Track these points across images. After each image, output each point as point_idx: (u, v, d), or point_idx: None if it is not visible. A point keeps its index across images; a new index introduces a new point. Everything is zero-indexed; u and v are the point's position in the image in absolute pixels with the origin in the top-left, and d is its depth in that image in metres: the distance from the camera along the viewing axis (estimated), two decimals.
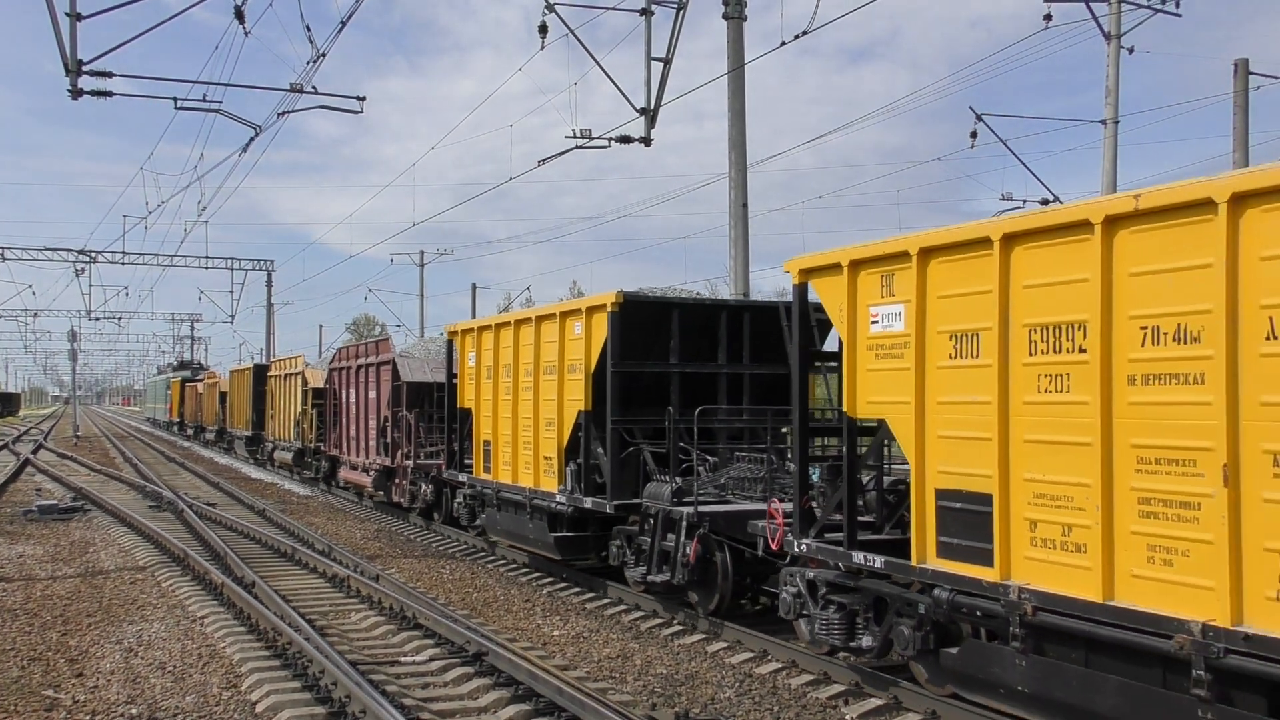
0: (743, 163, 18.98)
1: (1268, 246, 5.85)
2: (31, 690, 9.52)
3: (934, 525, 7.86)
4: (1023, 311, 7.26)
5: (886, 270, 8.48)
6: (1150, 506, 6.35)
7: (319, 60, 18.48)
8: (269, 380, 34.43)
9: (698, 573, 11.23)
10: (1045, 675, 6.97)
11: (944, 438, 7.85)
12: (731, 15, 18.86)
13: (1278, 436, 5.73)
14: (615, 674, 9.91)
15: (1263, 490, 5.78)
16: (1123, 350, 6.58)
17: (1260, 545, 5.77)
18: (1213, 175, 6.21)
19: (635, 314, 12.76)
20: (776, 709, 8.77)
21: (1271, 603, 5.69)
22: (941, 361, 7.90)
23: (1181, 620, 6.05)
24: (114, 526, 20.38)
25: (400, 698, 8.72)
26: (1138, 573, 6.40)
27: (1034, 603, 6.95)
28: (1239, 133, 22.29)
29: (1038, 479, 7.07)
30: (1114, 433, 6.59)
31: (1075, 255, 6.89)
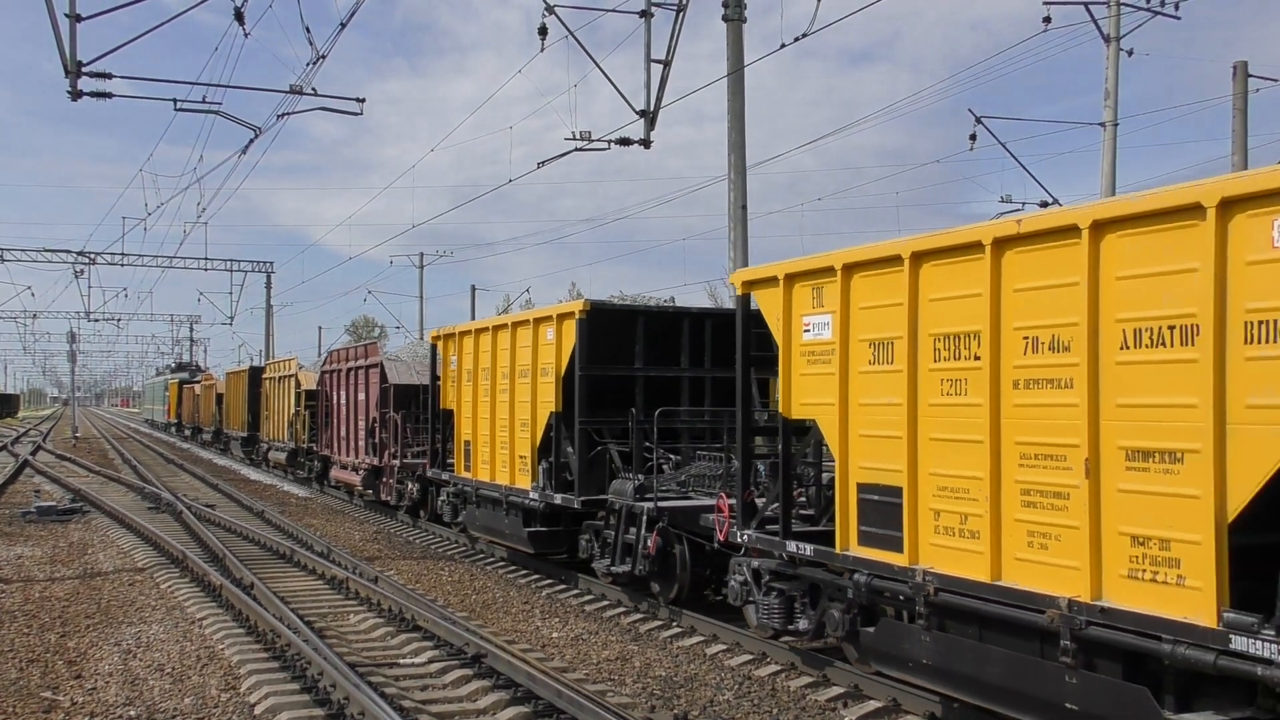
0: (742, 165, 19.14)
1: (1123, 268, 6.64)
2: (30, 692, 9.62)
3: (855, 516, 8.69)
4: (929, 322, 8.07)
5: (817, 283, 9.28)
6: (1030, 497, 7.16)
7: (319, 62, 18.66)
8: (264, 382, 35.37)
9: (658, 564, 12.08)
10: (946, 649, 7.80)
11: (864, 436, 8.67)
12: (731, 17, 19.00)
13: (1130, 434, 6.53)
14: (614, 676, 10.06)
15: (1118, 481, 6.58)
16: (1009, 358, 7.38)
17: (1116, 530, 6.57)
18: (1079, 204, 7.01)
19: (602, 321, 13.64)
20: (775, 711, 8.96)
21: (1124, 580, 6.50)
22: (862, 367, 8.71)
23: (1053, 597, 6.87)
24: (113, 528, 20.64)
25: (399, 700, 8.83)
26: (1020, 556, 7.21)
27: (936, 584, 7.78)
28: (1238, 135, 22.69)
29: (940, 473, 7.88)
30: (1001, 431, 7.40)
31: (970, 273, 7.69)
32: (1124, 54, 23.86)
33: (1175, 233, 6.35)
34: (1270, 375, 5.83)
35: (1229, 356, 6.04)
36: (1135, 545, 6.46)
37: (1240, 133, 22.68)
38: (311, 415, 28.45)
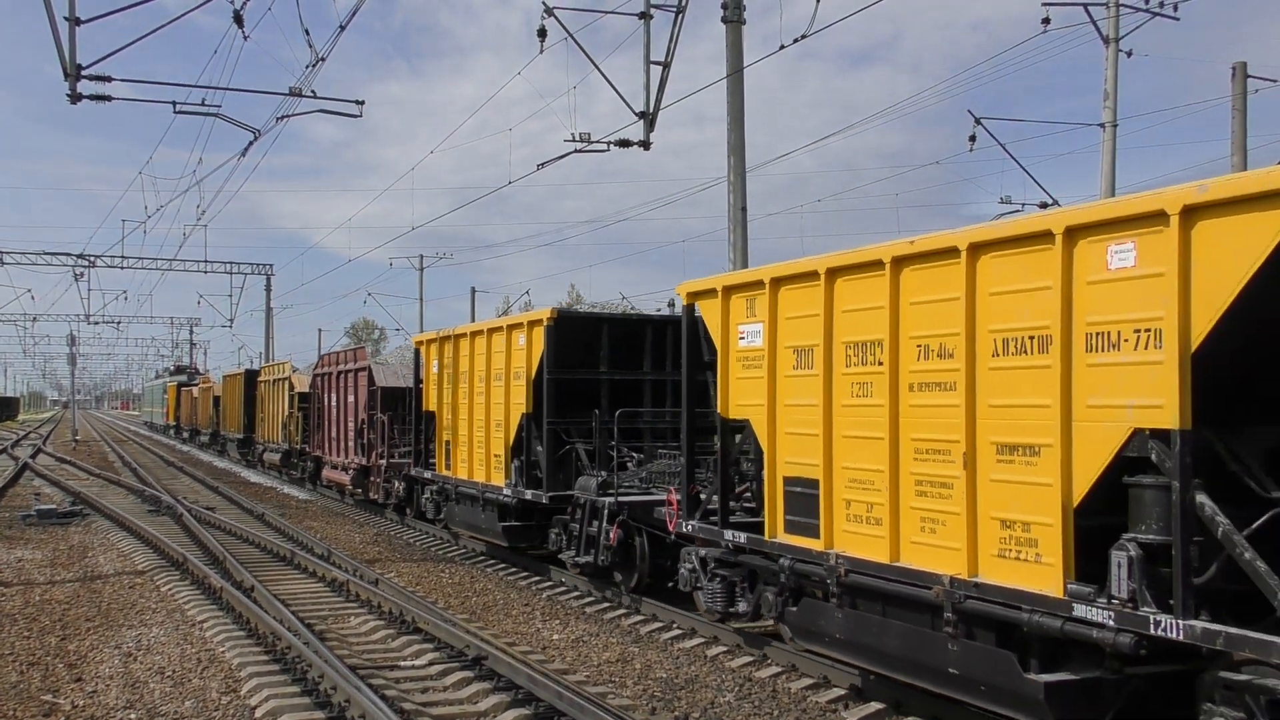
0: (741, 166, 19.10)
1: (994, 285, 7.65)
2: (30, 695, 9.70)
3: (782, 506, 9.72)
4: (842, 331, 9.07)
5: (750, 295, 10.30)
6: (922, 487, 8.17)
7: (318, 64, 18.75)
8: (259, 385, 36.53)
9: (620, 555, 13.11)
10: (855, 624, 8.82)
11: (789, 434, 9.69)
12: (730, 19, 18.91)
13: (999, 431, 7.53)
14: (615, 678, 10.19)
15: (990, 472, 7.59)
16: (905, 364, 8.39)
17: (988, 515, 7.58)
18: (958, 229, 8.01)
19: (569, 328, 14.72)
20: (776, 713, 9.10)
21: (995, 558, 7.51)
22: (787, 371, 9.73)
23: (938, 575, 7.88)
24: (113, 531, 20.91)
25: (400, 702, 8.92)
26: (915, 539, 8.23)
27: (847, 566, 8.80)
28: (1237, 136, 22.95)
29: (851, 467, 8.90)
30: (899, 429, 8.40)
31: (874, 287, 8.69)
32: (1123, 55, 24.13)
33: (1033, 255, 7.35)
34: (1106, 379, 6.83)
35: (1074, 363, 7.04)
36: (1003, 528, 7.47)
37: (1239, 133, 22.98)
38: (305, 417, 29.59)
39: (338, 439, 25.60)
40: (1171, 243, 6.42)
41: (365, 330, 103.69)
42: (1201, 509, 6.34)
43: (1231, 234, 6.17)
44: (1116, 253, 6.84)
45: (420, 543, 19.54)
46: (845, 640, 8.94)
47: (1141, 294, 6.62)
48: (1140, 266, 6.66)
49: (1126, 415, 6.68)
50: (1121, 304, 6.75)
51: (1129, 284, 6.72)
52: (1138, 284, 6.66)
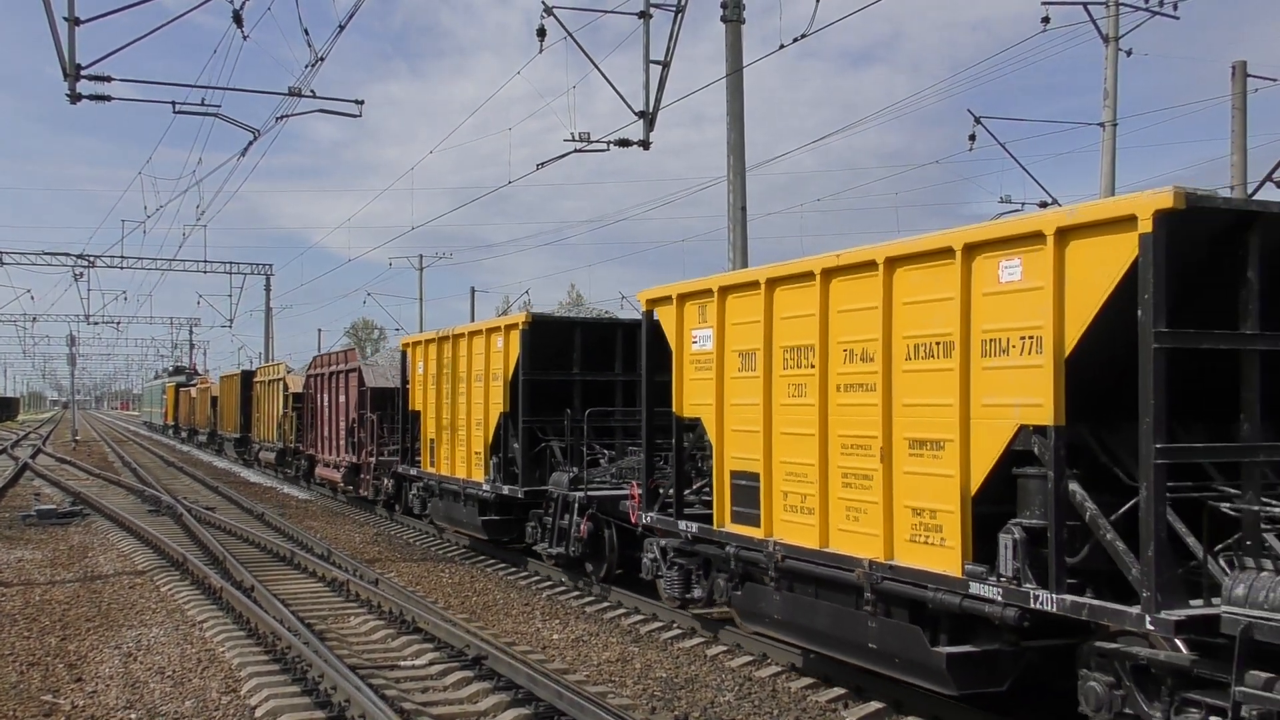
0: (741, 166, 19.23)
1: (907, 296, 8.51)
2: (30, 695, 9.78)
3: (729, 498, 10.60)
4: (780, 336, 9.95)
5: (702, 302, 11.17)
6: (848, 479, 9.05)
7: (317, 64, 18.97)
8: (255, 386, 37.55)
9: (590, 546, 14.00)
10: (791, 606, 9.70)
11: (735, 431, 10.57)
12: (730, 18, 19.04)
13: (911, 428, 8.40)
14: (615, 678, 10.32)
15: (904, 465, 8.46)
16: (834, 366, 9.26)
17: (902, 503, 8.45)
18: (878, 244, 8.87)
19: (544, 331, 15.64)
20: (776, 712, 9.24)
21: (907, 543, 8.38)
22: (733, 373, 10.60)
23: (860, 559, 8.76)
24: (113, 531, 21.16)
25: (400, 702, 9.02)
26: (841, 527, 9.10)
27: (783, 553, 9.68)
28: (1237, 135, 23.20)
29: (788, 461, 9.78)
30: (828, 426, 9.28)
31: (807, 296, 9.56)
32: (1123, 54, 24.39)
33: (938, 269, 8.21)
34: (997, 381, 7.70)
35: (972, 366, 7.91)
36: (914, 515, 8.34)
37: (1239, 132, 23.21)
38: (299, 417, 30.54)
39: (330, 438, 26.57)
40: (1048, 260, 7.29)
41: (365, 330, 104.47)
42: (1073, 496, 7.21)
43: (1096, 253, 7.03)
44: (1006, 268, 7.70)
45: (420, 542, 19.89)
46: (783, 620, 9.83)
47: (1026, 305, 7.49)
48: (1025, 280, 7.53)
49: (1014, 413, 7.55)
50: (1010, 314, 7.62)
51: (1016, 296, 7.58)
52: (1023, 296, 7.52)
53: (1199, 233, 6.93)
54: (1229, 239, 7.01)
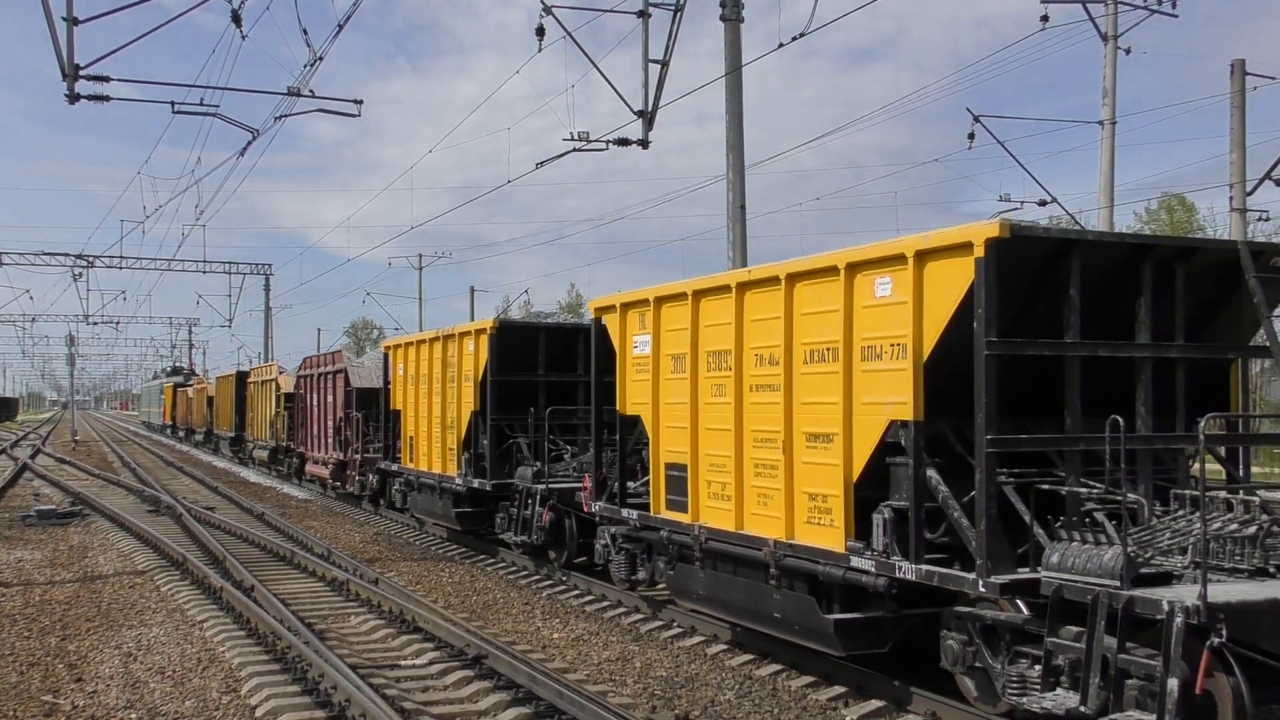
0: (740, 165, 19.43)
1: (804, 307, 9.84)
2: (30, 695, 9.84)
3: (664, 487, 11.94)
4: (705, 341, 11.28)
5: (641, 311, 12.50)
6: (758, 469, 10.39)
7: (316, 63, 19.17)
8: (248, 386, 39.02)
9: (552, 534, 15.35)
10: (713, 582, 11.05)
11: (668, 427, 11.92)
12: (729, 17, 19.25)
13: (808, 423, 9.73)
14: (615, 677, 10.46)
15: (802, 456, 9.80)
16: (748, 369, 10.59)
17: (801, 490, 9.79)
18: (781, 261, 10.19)
19: (510, 335, 17.01)
20: (777, 711, 9.36)
21: (805, 524, 9.72)
22: (667, 375, 11.94)
23: (767, 539, 10.10)
24: (112, 531, 21.35)
25: (400, 701, 9.10)
26: (753, 511, 10.45)
27: (706, 535, 11.03)
28: (1236, 133, 23.76)
29: (711, 454, 11.12)
30: (743, 422, 10.61)
31: (726, 307, 10.89)
32: (1122, 52, 24.89)
33: (828, 285, 9.53)
34: (873, 382, 9.02)
35: (854, 369, 9.23)
36: (810, 500, 9.68)
37: (1238, 130, 23.72)
38: (290, 416, 32.01)
39: (319, 436, 28.05)
40: (910, 278, 8.61)
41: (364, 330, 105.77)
42: (930, 481, 8.54)
43: (945, 274, 8.36)
44: (880, 284, 9.03)
45: (420, 542, 20.19)
46: (707, 596, 11.19)
47: (894, 317, 8.81)
48: (894, 295, 8.85)
49: (886, 410, 8.88)
50: (882, 324, 8.94)
51: (887, 308, 8.90)
52: (892, 309, 8.85)
53: (1028, 257, 8.27)
54: (1054, 262, 8.34)
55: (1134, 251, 8.58)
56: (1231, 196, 23.86)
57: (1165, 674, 6.77)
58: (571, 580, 15.20)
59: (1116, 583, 7.19)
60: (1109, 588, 7.20)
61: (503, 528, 16.82)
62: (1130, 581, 7.16)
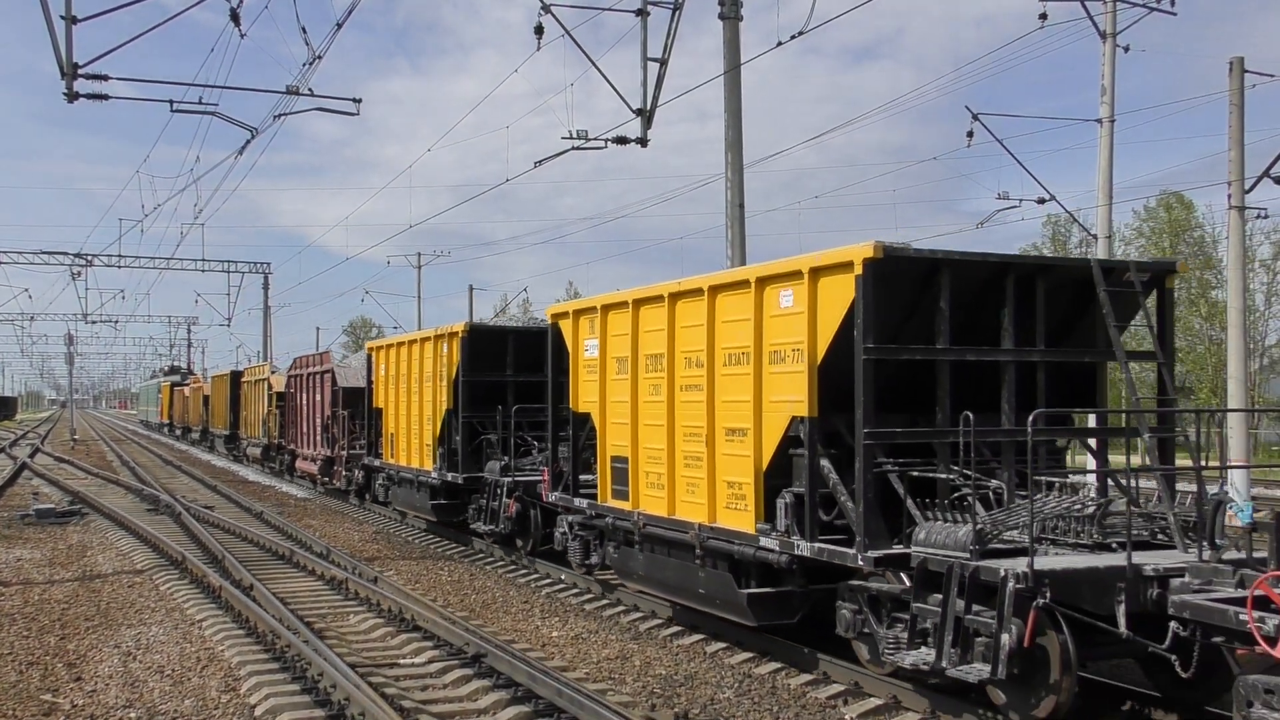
0: (739, 163, 19.57)
1: (724, 315, 11.16)
2: (29, 694, 9.90)
3: (610, 478, 13.28)
4: (644, 346, 12.61)
5: (591, 317, 13.83)
6: (688, 460, 11.72)
7: (315, 62, 19.31)
8: (242, 385, 40.47)
9: (518, 524, 16.71)
10: (651, 563, 12.40)
11: (613, 423, 13.25)
12: (728, 15, 19.35)
13: (727, 419, 11.06)
14: (614, 675, 10.58)
15: (722, 449, 11.14)
16: (679, 371, 11.92)
17: (722, 479, 11.13)
18: (706, 274, 11.49)
19: (481, 338, 18.36)
20: (776, 709, 9.46)
21: (725, 509, 11.06)
22: (613, 376, 13.27)
23: (693, 523, 11.43)
24: (111, 530, 21.53)
25: (399, 700, 9.19)
26: (683, 499, 11.79)
27: (644, 521, 12.37)
28: (1234, 131, 23.90)
29: (649, 447, 12.46)
30: (674, 419, 11.94)
31: (660, 315, 12.21)
32: (1121, 50, 24.89)
33: (742, 296, 10.85)
34: (778, 383, 10.35)
35: (763, 371, 10.55)
36: (729, 488, 11.02)
37: (1237, 128, 23.85)
38: (282, 414, 33.45)
39: (308, 434, 29.50)
40: (806, 291, 9.93)
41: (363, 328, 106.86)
42: (823, 469, 9.88)
43: (833, 288, 9.68)
44: (784, 296, 10.35)
45: (419, 541, 20.54)
46: (645, 575, 12.54)
47: (794, 325, 10.13)
48: (794, 306, 10.17)
49: (788, 408, 10.21)
50: (786, 331, 10.26)
51: (789, 318, 10.22)
52: (793, 318, 10.16)
53: (905, 274, 9.59)
54: (928, 278, 9.66)
55: (997, 269, 9.91)
56: (1230, 194, 24.33)
57: (999, 630, 8.10)
58: (535, 565, 16.54)
59: (967, 554, 8.52)
60: (961, 559, 8.54)
61: (474, 518, 18.19)
62: (979, 554, 8.49)
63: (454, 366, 18.35)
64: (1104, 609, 8.22)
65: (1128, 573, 8.20)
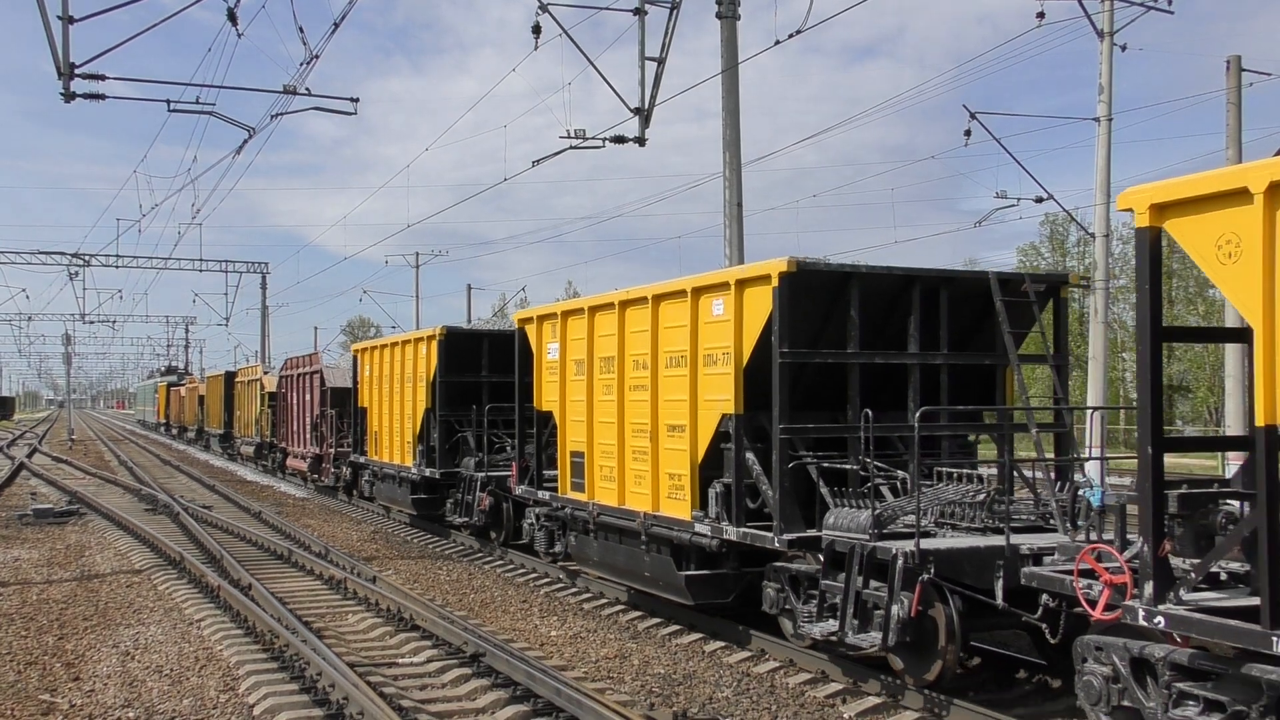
0: (737, 162, 19.83)
1: (666, 322, 12.33)
2: (28, 694, 9.94)
3: (569, 472, 14.46)
4: (598, 349, 13.79)
5: (553, 322, 15.01)
6: (635, 454, 12.90)
7: (312, 61, 19.53)
8: (236, 385, 41.71)
9: (491, 516, 17.91)
10: (604, 549, 13.58)
11: (572, 421, 14.44)
12: (725, 14, 19.61)
13: (668, 417, 12.24)
14: (613, 674, 10.70)
15: (664, 444, 12.32)
16: (628, 372, 13.10)
17: (664, 472, 12.31)
18: (650, 284, 12.66)
19: (457, 341, 19.59)
20: (774, 708, 9.56)
21: (666, 499, 12.24)
22: (571, 377, 14.45)
23: (639, 512, 12.61)
24: (110, 530, 21.71)
25: (398, 699, 9.25)
26: (631, 490, 12.98)
27: (598, 511, 13.55)
28: (1232, 130, 24.40)
29: (602, 443, 13.64)
30: (624, 416, 13.12)
31: (612, 320, 13.38)
32: (1118, 49, 25.56)
33: (681, 304, 12.03)
34: (711, 383, 11.52)
35: (698, 373, 11.72)
36: (670, 479, 12.20)
37: (1235, 127, 24.33)
38: (274, 414, 34.66)
39: (298, 432, 30.79)
40: (733, 301, 11.09)
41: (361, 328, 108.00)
42: (749, 461, 11.04)
43: (756, 298, 10.84)
44: (716, 305, 11.52)
45: (418, 540, 20.73)
46: (599, 561, 13.73)
47: (724, 331, 11.29)
48: (724, 314, 11.34)
49: (719, 406, 11.38)
50: (717, 337, 11.43)
51: (720, 324, 11.39)
52: (723, 325, 11.33)
53: (819, 286, 10.76)
54: (839, 290, 10.83)
55: (904, 281, 11.08)
56: None
57: (890, 602, 9.28)
58: (508, 555, 17.74)
59: (866, 537, 9.69)
60: (861, 540, 9.71)
61: (450, 512, 19.39)
62: (876, 536, 9.66)
63: (432, 368, 19.55)
64: (985, 584, 9.38)
65: (1006, 552, 9.35)
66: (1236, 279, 6.50)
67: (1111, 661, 7.63)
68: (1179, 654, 7.13)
